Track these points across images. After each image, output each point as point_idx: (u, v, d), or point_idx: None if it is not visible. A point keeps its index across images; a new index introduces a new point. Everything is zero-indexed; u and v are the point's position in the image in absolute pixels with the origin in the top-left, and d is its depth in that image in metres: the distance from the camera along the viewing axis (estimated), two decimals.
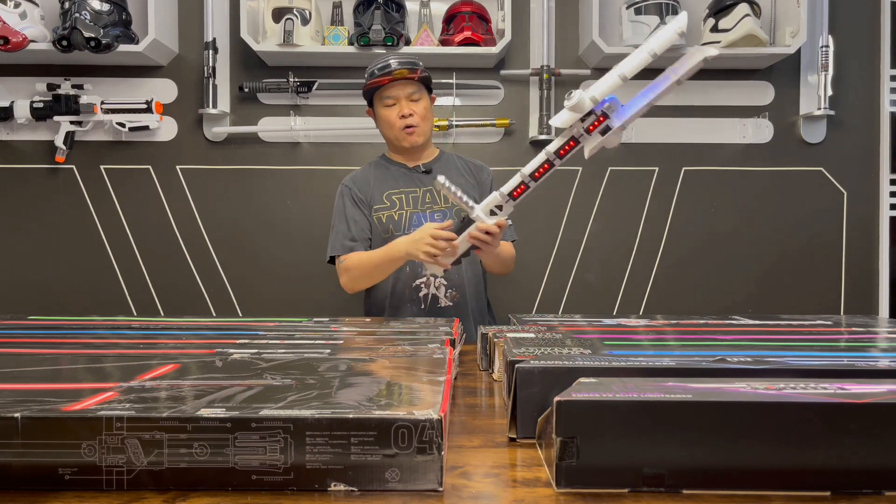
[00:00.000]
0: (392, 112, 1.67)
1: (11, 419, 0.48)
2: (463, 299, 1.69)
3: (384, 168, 1.77)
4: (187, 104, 2.30)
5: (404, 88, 1.65)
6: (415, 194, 1.71)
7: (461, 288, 1.69)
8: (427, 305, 1.67)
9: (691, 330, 1.06)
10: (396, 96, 1.66)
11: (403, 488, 0.49)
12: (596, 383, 0.56)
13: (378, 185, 1.72)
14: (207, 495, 0.48)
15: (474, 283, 1.73)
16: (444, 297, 1.68)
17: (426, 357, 0.78)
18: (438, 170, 1.71)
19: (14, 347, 0.89)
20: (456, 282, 1.68)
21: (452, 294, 1.68)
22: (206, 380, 0.63)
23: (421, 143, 1.70)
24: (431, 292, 1.67)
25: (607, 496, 0.50)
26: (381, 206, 1.70)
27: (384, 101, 1.67)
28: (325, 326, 1.14)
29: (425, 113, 1.68)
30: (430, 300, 1.67)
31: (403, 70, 1.62)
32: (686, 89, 2.32)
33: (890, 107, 2.32)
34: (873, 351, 0.87)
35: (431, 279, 1.65)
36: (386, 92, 1.65)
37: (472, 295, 1.72)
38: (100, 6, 2.08)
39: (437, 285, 1.66)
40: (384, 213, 1.69)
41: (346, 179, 1.77)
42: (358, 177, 1.76)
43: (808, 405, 0.50)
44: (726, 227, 2.34)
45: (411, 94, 1.66)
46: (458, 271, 1.67)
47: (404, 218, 1.68)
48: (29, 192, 2.30)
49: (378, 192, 1.71)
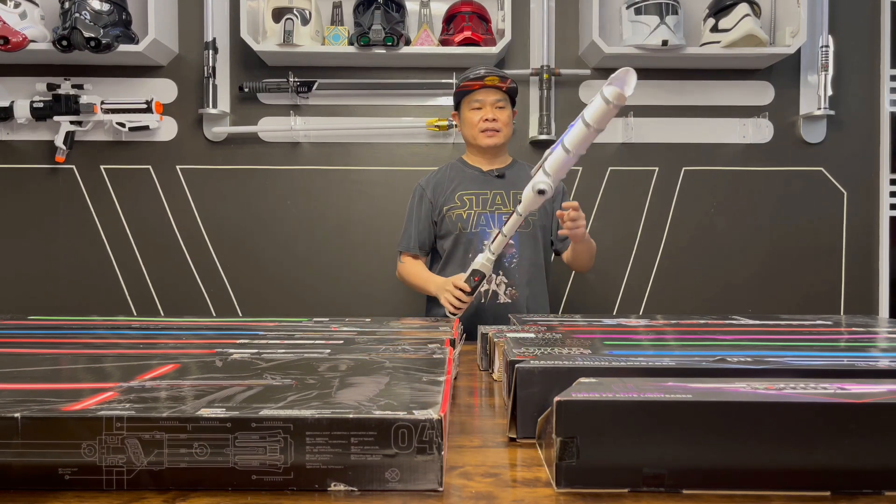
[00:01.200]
0: (476, 115, 1.78)
1: (11, 419, 0.48)
2: (521, 298, 1.76)
3: (459, 170, 1.86)
4: (187, 104, 2.30)
5: (492, 95, 1.77)
6: (485, 196, 1.80)
7: (521, 288, 1.76)
8: (487, 300, 1.75)
9: (691, 330, 1.06)
10: (483, 101, 1.77)
11: (403, 488, 0.49)
12: (596, 383, 0.56)
13: (452, 185, 1.83)
14: (207, 495, 0.48)
15: (532, 285, 1.79)
16: (503, 294, 1.75)
17: (426, 357, 0.78)
18: (511, 175, 1.82)
19: (14, 347, 0.89)
20: (516, 281, 1.76)
21: (511, 292, 1.76)
22: (206, 380, 0.63)
23: (497, 146, 1.80)
24: (492, 288, 1.75)
25: (607, 496, 0.50)
26: (453, 206, 1.80)
27: (471, 104, 1.79)
28: (325, 326, 1.14)
29: (507, 120, 1.80)
30: (489, 295, 1.75)
31: (494, 78, 1.76)
32: (686, 89, 2.32)
33: (890, 107, 2.32)
34: (873, 351, 0.86)
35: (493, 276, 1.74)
36: (475, 96, 1.78)
37: (528, 296, 1.78)
38: (100, 6, 2.08)
39: (497, 283, 1.75)
40: (454, 212, 1.79)
41: (422, 180, 1.88)
42: (433, 178, 1.87)
43: (808, 405, 0.50)
44: (726, 227, 2.34)
45: (497, 101, 1.77)
46: (519, 271, 1.76)
47: (472, 218, 1.78)
48: (29, 192, 2.30)
49: (451, 193, 1.82)
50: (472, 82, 1.77)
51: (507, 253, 1.76)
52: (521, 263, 1.77)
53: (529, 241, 1.78)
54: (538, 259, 1.80)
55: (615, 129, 2.30)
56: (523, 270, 1.78)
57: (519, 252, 1.78)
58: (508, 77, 1.79)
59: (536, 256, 1.80)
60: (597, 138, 1.23)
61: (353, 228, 2.32)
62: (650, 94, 2.31)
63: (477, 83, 1.76)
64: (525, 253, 1.78)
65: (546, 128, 2.24)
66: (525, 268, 1.78)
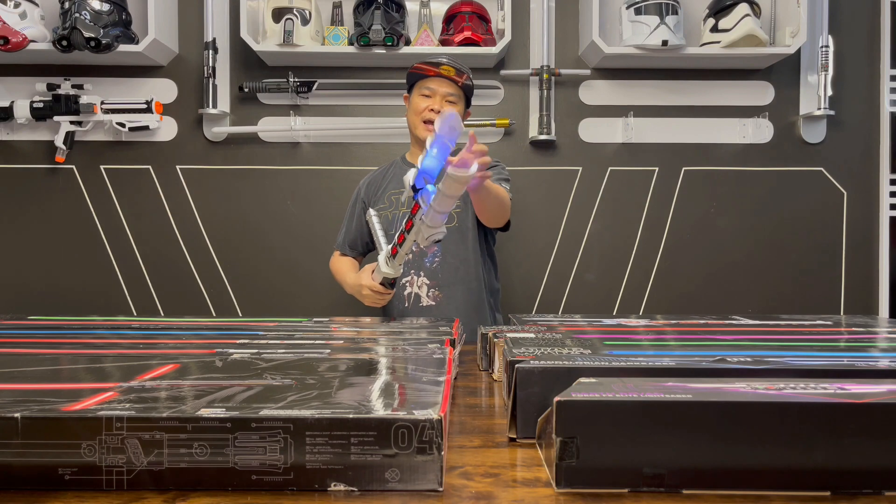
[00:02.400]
0: (424, 102, 1.68)
1: (11, 419, 0.48)
2: (448, 299, 1.67)
3: (397, 167, 1.81)
4: (187, 104, 2.30)
5: (445, 87, 1.67)
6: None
7: (446, 289, 1.67)
8: (410, 304, 1.69)
9: (691, 330, 1.06)
10: (434, 90, 1.67)
11: (403, 488, 0.49)
12: (596, 383, 0.56)
13: (385, 184, 1.78)
14: (207, 495, 0.48)
15: (464, 284, 1.69)
16: (426, 297, 1.68)
17: (426, 357, 0.78)
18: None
19: (14, 347, 0.89)
20: (440, 282, 1.67)
21: (436, 294, 1.68)
22: (206, 380, 0.63)
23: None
24: (414, 291, 1.68)
25: (607, 496, 0.50)
26: (382, 207, 1.74)
27: (422, 90, 1.69)
28: (325, 326, 1.14)
29: None
30: (412, 298, 1.69)
31: (451, 69, 1.66)
32: (686, 89, 2.32)
33: (890, 107, 2.32)
34: (873, 351, 0.86)
35: (414, 278, 1.67)
36: (427, 83, 1.68)
37: (458, 297, 1.68)
38: (100, 6, 2.08)
39: (419, 284, 1.68)
40: (382, 213, 1.71)
41: (363, 179, 1.84)
42: (370, 177, 1.84)
43: (808, 405, 0.50)
44: (726, 227, 2.34)
45: (449, 94, 1.68)
46: (443, 271, 1.67)
47: (397, 218, 1.71)
48: (29, 192, 2.30)
49: (382, 192, 1.76)
50: (427, 66, 1.67)
51: (428, 252, 1.67)
52: (445, 262, 1.67)
53: (455, 235, 1.66)
54: (468, 255, 1.68)
55: (615, 129, 2.30)
56: (449, 270, 1.67)
57: (442, 249, 1.66)
58: (467, 73, 1.69)
59: (465, 252, 1.68)
60: (596, 138, 1.23)
61: None
62: (650, 94, 2.31)
63: (432, 69, 1.66)
64: (451, 249, 1.67)
65: (546, 128, 2.24)
66: (451, 266, 1.67)
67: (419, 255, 1.69)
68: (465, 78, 1.68)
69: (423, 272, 1.68)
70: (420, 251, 1.67)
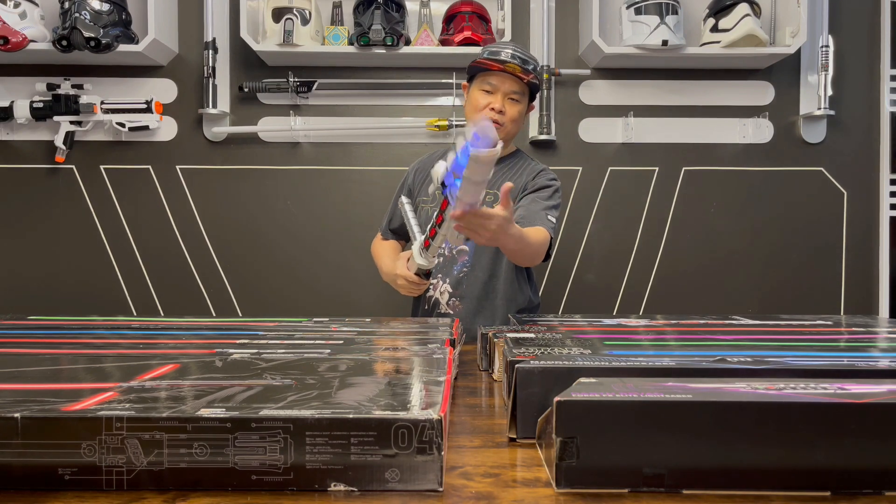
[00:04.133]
0: (484, 99, 1.56)
1: (11, 419, 0.48)
2: (466, 311, 1.61)
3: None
4: (187, 104, 2.30)
5: (508, 84, 1.55)
6: None
7: (467, 301, 1.62)
8: (430, 307, 1.66)
9: (691, 330, 1.06)
10: (496, 87, 1.55)
11: (403, 488, 0.49)
12: (596, 383, 0.56)
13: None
14: (207, 495, 0.48)
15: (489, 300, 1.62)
16: (445, 304, 1.63)
17: (426, 357, 0.78)
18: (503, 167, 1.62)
19: (14, 347, 0.89)
20: (463, 292, 1.62)
21: (455, 304, 1.62)
22: (206, 380, 0.63)
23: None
24: (436, 296, 1.64)
25: (607, 496, 0.50)
26: (424, 199, 1.68)
27: (483, 84, 1.56)
28: (325, 326, 1.14)
29: (517, 117, 1.58)
30: (432, 303, 1.66)
31: (516, 67, 1.52)
32: (686, 89, 2.32)
33: (890, 107, 2.32)
34: (873, 351, 0.86)
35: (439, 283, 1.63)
36: (489, 77, 1.55)
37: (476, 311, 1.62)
38: (100, 6, 2.08)
39: (441, 290, 1.63)
40: (426, 206, 1.66)
41: (413, 164, 1.77)
42: (420, 163, 1.75)
43: (808, 405, 0.50)
44: (726, 227, 2.34)
45: (512, 92, 1.55)
46: (468, 283, 1.61)
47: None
48: (29, 192, 2.30)
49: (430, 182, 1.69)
50: (491, 62, 1.53)
51: (459, 259, 1.60)
52: (472, 274, 1.60)
53: (489, 249, 1.56)
54: (498, 271, 1.60)
55: (615, 129, 2.30)
56: (475, 283, 1.60)
57: (472, 261, 1.59)
58: (533, 68, 1.56)
59: (495, 267, 1.60)
60: (596, 138, 1.22)
61: (353, 228, 2.32)
62: (650, 94, 2.31)
63: (496, 65, 1.53)
64: (481, 262, 1.59)
65: (546, 128, 2.24)
66: (478, 280, 1.60)
67: (450, 261, 1.63)
68: (532, 77, 1.55)
69: (448, 279, 1.62)
70: (451, 257, 1.62)
